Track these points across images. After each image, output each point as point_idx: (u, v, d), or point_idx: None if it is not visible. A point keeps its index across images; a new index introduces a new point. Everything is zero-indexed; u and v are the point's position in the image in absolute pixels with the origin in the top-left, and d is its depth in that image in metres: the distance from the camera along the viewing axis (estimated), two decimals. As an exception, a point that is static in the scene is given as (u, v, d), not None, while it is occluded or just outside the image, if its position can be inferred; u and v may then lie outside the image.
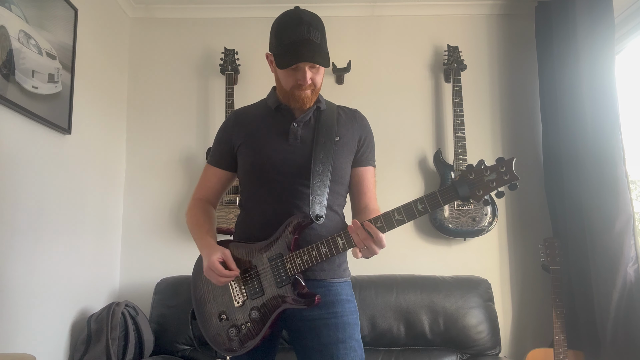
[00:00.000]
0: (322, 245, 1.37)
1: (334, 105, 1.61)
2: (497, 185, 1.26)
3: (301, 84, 1.44)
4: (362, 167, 1.58)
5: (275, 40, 1.44)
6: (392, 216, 1.32)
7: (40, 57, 2.08)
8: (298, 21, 1.40)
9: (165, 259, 2.81)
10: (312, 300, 1.36)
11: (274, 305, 1.40)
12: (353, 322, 1.46)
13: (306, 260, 1.38)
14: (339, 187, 1.53)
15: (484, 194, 1.27)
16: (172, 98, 2.99)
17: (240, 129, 1.56)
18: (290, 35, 1.39)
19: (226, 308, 1.46)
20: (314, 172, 1.45)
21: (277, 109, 1.55)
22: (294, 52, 1.38)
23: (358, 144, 1.57)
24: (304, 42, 1.38)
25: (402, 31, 3.03)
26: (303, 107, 1.49)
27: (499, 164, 1.26)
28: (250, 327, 1.42)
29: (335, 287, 1.48)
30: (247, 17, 3.03)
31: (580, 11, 2.35)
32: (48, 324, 2.17)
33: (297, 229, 1.41)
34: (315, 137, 1.49)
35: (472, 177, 1.27)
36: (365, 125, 1.61)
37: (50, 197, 2.17)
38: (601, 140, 2.22)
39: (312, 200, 1.42)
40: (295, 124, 1.50)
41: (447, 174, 2.74)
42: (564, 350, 2.35)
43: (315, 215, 1.42)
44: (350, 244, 1.35)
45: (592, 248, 2.27)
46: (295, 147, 1.49)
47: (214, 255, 1.40)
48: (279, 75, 1.47)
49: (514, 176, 1.25)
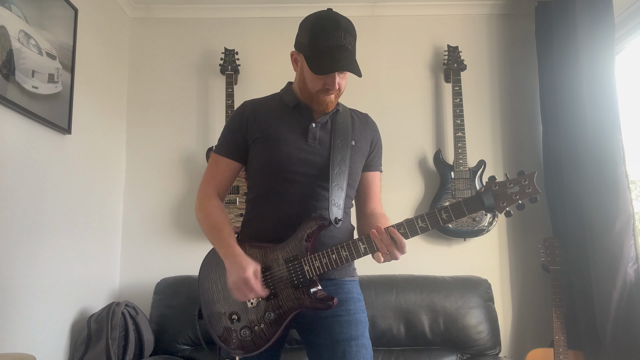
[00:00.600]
0: (342, 249, 1.36)
1: (347, 108, 1.60)
2: (520, 198, 1.29)
3: (329, 89, 1.43)
4: (371, 171, 1.59)
5: (308, 42, 1.40)
6: (415, 223, 1.33)
7: (40, 57, 2.08)
8: (335, 26, 1.38)
9: (165, 259, 2.81)
10: (329, 305, 1.36)
11: (290, 307, 1.39)
12: (364, 321, 1.47)
13: (325, 264, 1.37)
14: (351, 191, 1.54)
15: (507, 205, 1.30)
16: (172, 98, 2.99)
17: (256, 121, 1.52)
18: (327, 40, 1.37)
19: (238, 309, 1.44)
20: (333, 175, 1.44)
21: (295, 107, 1.52)
22: (332, 59, 1.36)
23: (370, 149, 1.58)
24: (339, 49, 1.37)
25: (402, 31, 3.03)
26: (325, 110, 1.48)
27: (521, 177, 1.29)
28: (264, 329, 1.41)
29: (347, 285, 1.49)
30: (247, 17, 3.03)
31: (580, 11, 2.35)
32: (48, 324, 2.17)
33: (316, 231, 1.40)
34: (333, 139, 1.49)
35: (497, 189, 1.30)
36: (377, 130, 1.63)
37: (50, 197, 2.17)
38: (601, 140, 2.22)
39: (331, 203, 1.42)
40: (314, 125, 1.49)
41: (447, 174, 2.74)
42: (564, 350, 2.35)
43: (335, 219, 1.41)
44: (373, 250, 1.35)
45: (592, 248, 2.27)
46: (314, 148, 1.48)
47: (248, 270, 1.34)
48: (306, 77, 1.44)
49: (536, 189, 1.28)
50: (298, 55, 1.47)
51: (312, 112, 1.51)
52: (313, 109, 1.49)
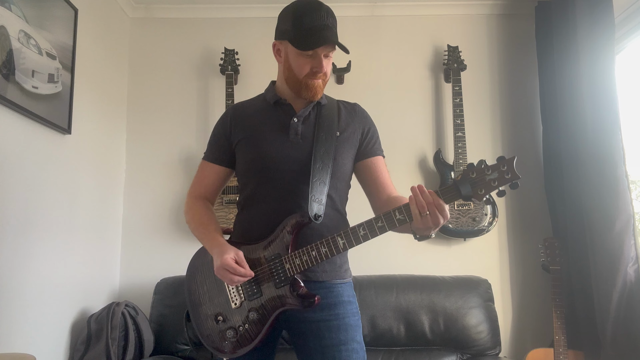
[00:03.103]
0: (321, 246, 1.34)
1: (334, 100, 1.58)
2: (499, 184, 1.24)
3: (316, 72, 1.42)
4: (372, 157, 1.54)
5: (291, 25, 1.40)
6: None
7: (40, 57, 2.08)
8: (318, 7, 1.39)
9: (165, 259, 2.81)
10: (312, 302, 1.34)
11: (272, 306, 1.38)
12: (355, 324, 1.44)
13: (305, 261, 1.35)
14: (340, 184, 1.50)
15: (486, 192, 1.25)
16: (172, 98, 2.99)
17: (239, 124, 1.52)
18: (312, 20, 1.37)
19: (223, 310, 1.43)
20: (314, 170, 1.42)
21: (276, 104, 1.52)
22: (319, 36, 1.36)
23: (361, 137, 1.54)
24: (324, 28, 1.38)
25: (402, 31, 3.03)
26: (315, 96, 1.46)
27: (500, 162, 1.24)
28: (249, 329, 1.39)
29: (337, 288, 1.46)
30: (247, 17, 3.03)
31: (580, 11, 2.35)
32: (48, 324, 2.17)
33: (296, 229, 1.38)
34: (316, 133, 1.47)
35: (474, 177, 1.25)
36: (366, 117, 1.59)
37: (49, 197, 2.17)
38: (601, 140, 2.22)
39: (311, 199, 1.39)
40: (296, 119, 1.48)
41: (447, 173, 2.74)
42: (564, 350, 2.35)
43: (314, 215, 1.38)
44: (352, 244, 1.32)
45: (592, 248, 2.27)
46: (296, 144, 1.46)
47: (227, 254, 1.35)
48: (292, 63, 1.43)
49: (515, 175, 1.24)
50: (281, 44, 1.46)
51: (293, 107, 1.50)
52: (302, 97, 1.47)
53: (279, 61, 1.50)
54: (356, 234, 1.32)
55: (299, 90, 1.46)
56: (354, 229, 1.33)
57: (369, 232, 1.31)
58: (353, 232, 1.33)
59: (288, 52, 1.44)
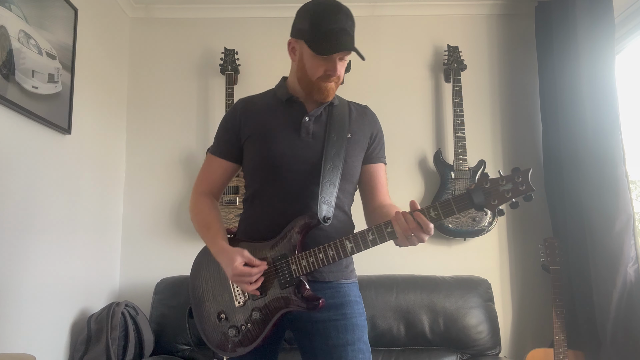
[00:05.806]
0: (329, 248, 1.33)
1: (345, 101, 1.57)
2: (513, 196, 1.22)
3: (330, 75, 1.40)
4: (374, 164, 1.54)
5: (309, 26, 1.37)
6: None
7: (40, 57, 2.08)
8: (337, 10, 1.37)
9: (165, 259, 2.81)
10: (316, 305, 1.32)
11: (276, 307, 1.37)
12: (362, 324, 1.43)
13: (312, 262, 1.34)
14: (348, 186, 1.49)
15: (499, 203, 1.22)
16: (172, 98, 2.99)
17: (249, 119, 1.49)
18: (330, 23, 1.35)
19: (226, 307, 1.42)
20: (325, 171, 1.39)
21: (288, 101, 1.49)
22: (336, 40, 1.34)
23: (369, 141, 1.53)
24: (342, 32, 1.35)
25: (402, 31, 3.03)
26: (326, 99, 1.44)
27: (515, 174, 1.22)
28: (251, 329, 1.38)
29: (344, 288, 1.45)
30: (247, 17, 3.03)
31: (580, 11, 2.35)
32: (48, 324, 2.17)
33: (304, 230, 1.36)
34: (327, 133, 1.45)
35: (488, 186, 1.22)
36: (376, 121, 1.58)
37: (49, 197, 2.17)
38: (601, 140, 2.22)
39: (320, 201, 1.37)
40: (307, 118, 1.45)
41: (447, 174, 2.74)
42: (564, 350, 2.35)
43: (323, 217, 1.36)
44: (359, 248, 1.31)
45: (592, 248, 2.27)
46: (307, 143, 1.44)
47: (236, 262, 1.33)
48: (306, 64, 1.41)
49: (530, 187, 1.21)
50: (297, 43, 1.44)
51: (305, 106, 1.48)
52: (314, 98, 1.45)
53: (292, 59, 1.47)
54: (365, 238, 1.31)
55: (310, 91, 1.44)
56: (362, 234, 1.32)
57: (378, 237, 1.30)
58: (362, 236, 1.31)
59: (303, 52, 1.41)
